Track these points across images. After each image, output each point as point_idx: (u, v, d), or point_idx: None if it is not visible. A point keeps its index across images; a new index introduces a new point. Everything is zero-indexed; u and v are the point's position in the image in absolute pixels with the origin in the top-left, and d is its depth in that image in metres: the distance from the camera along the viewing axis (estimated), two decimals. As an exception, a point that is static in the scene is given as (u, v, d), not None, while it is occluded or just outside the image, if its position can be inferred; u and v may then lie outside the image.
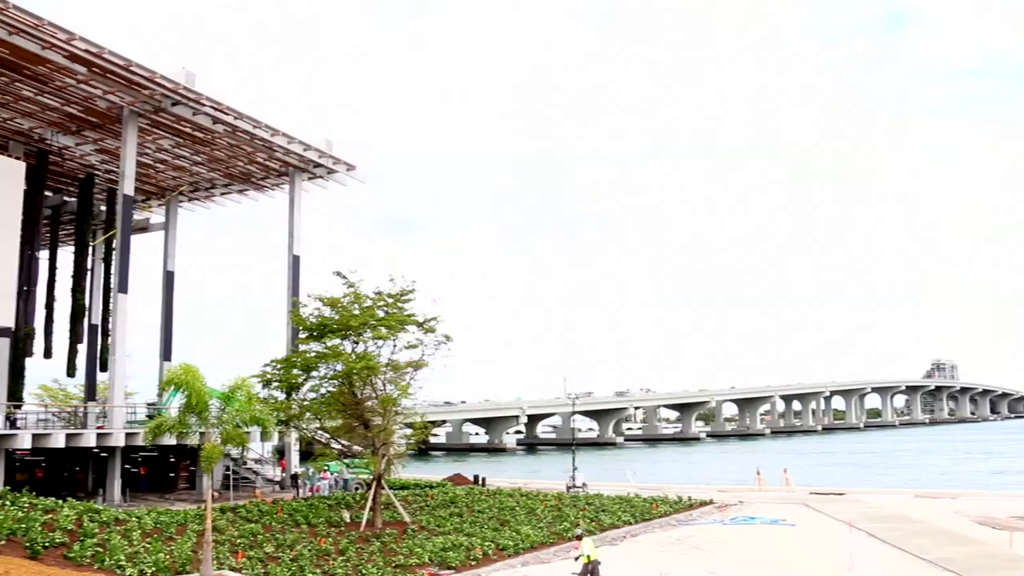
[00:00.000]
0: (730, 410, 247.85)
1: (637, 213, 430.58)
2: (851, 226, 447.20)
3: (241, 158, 51.39)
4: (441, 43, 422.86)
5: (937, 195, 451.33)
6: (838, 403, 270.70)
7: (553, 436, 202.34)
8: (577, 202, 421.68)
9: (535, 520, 35.97)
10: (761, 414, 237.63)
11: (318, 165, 52.62)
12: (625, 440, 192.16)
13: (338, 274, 37.82)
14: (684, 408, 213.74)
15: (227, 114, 44.53)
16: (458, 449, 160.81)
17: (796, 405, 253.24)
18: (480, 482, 52.59)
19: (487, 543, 29.76)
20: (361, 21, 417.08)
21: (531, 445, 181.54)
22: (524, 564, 28.03)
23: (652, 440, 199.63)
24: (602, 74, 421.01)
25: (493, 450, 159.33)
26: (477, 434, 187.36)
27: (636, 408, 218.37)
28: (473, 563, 27.45)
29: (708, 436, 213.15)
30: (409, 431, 40.24)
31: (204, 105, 43.34)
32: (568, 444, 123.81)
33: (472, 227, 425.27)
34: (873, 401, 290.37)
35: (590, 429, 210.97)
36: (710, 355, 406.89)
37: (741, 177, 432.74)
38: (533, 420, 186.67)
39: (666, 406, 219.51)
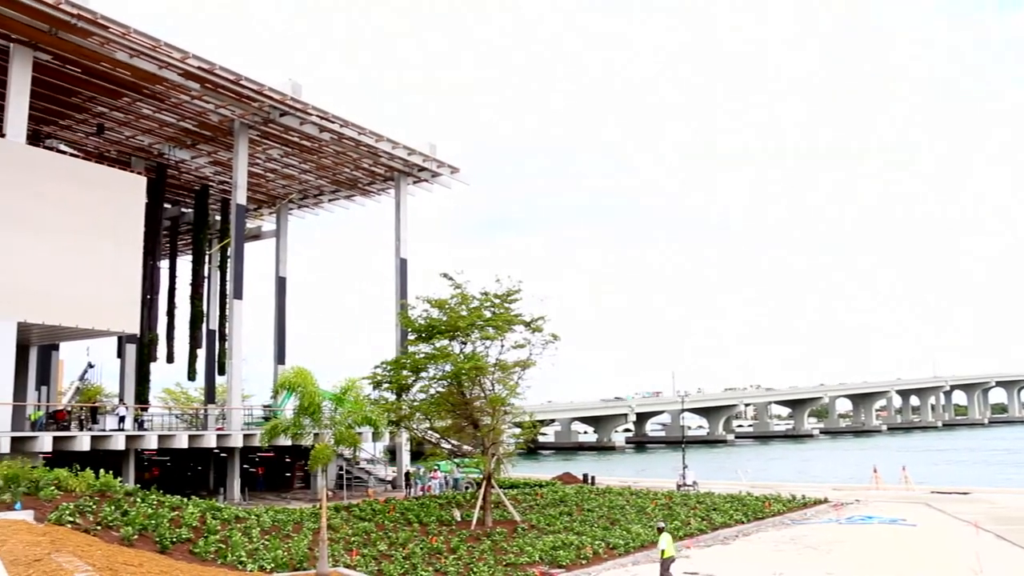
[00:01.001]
0: (844, 406, 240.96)
1: (732, 208, 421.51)
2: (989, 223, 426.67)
3: (347, 164, 52.59)
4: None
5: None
6: (959, 398, 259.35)
7: (662, 434, 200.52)
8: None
9: (645, 519, 35.76)
10: (877, 410, 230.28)
11: (422, 169, 53.45)
12: (736, 437, 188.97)
13: (445, 275, 38.33)
14: (796, 404, 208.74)
15: (333, 122, 45.64)
16: (567, 448, 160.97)
17: (914, 400, 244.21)
18: (589, 481, 52.51)
19: (597, 542, 29.73)
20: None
21: (640, 443, 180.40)
22: (635, 563, 27.87)
23: (763, 437, 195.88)
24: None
25: (602, 448, 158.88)
26: (586, 432, 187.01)
27: (746, 405, 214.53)
28: (583, 562, 27.46)
29: (821, 433, 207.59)
30: (518, 430, 40.48)
31: (311, 115, 44.53)
32: (678, 442, 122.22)
33: (563, 226, 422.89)
34: (998, 396, 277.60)
35: (700, 427, 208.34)
36: (822, 350, 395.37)
37: (852, 168, 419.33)
38: (642, 418, 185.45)
39: (777, 402, 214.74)
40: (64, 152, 42.86)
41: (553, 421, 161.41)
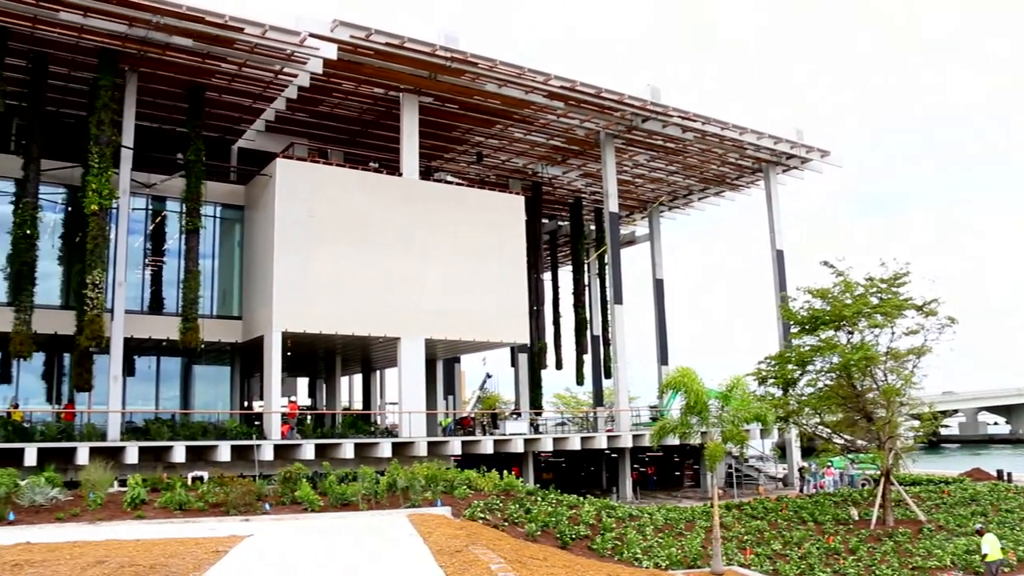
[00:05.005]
0: None
1: None
2: None
3: (713, 161, 52.40)
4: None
5: None
6: None
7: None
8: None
9: (1079, 521, 31.82)
10: None
11: (791, 156, 51.90)
12: None
13: (825, 263, 36.98)
14: None
15: (694, 121, 45.71)
16: (973, 441, 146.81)
17: None
18: (1005, 477, 47.59)
19: (1021, 547, 26.97)
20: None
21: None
22: (1068, 570, 24.96)
23: None
24: None
25: (1017, 441, 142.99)
26: (996, 423, 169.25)
27: None
28: (1006, 569, 25.01)
29: None
30: (916, 423, 37.91)
31: (672, 117, 44.95)
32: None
33: (967, 197, 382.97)
34: None
35: None
36: None
37: None
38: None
39: None
40: (450, 182, 47.02)
41: (956, 412, 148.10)
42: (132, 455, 30.27)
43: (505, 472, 30.04)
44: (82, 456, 29.01)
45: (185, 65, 34.53)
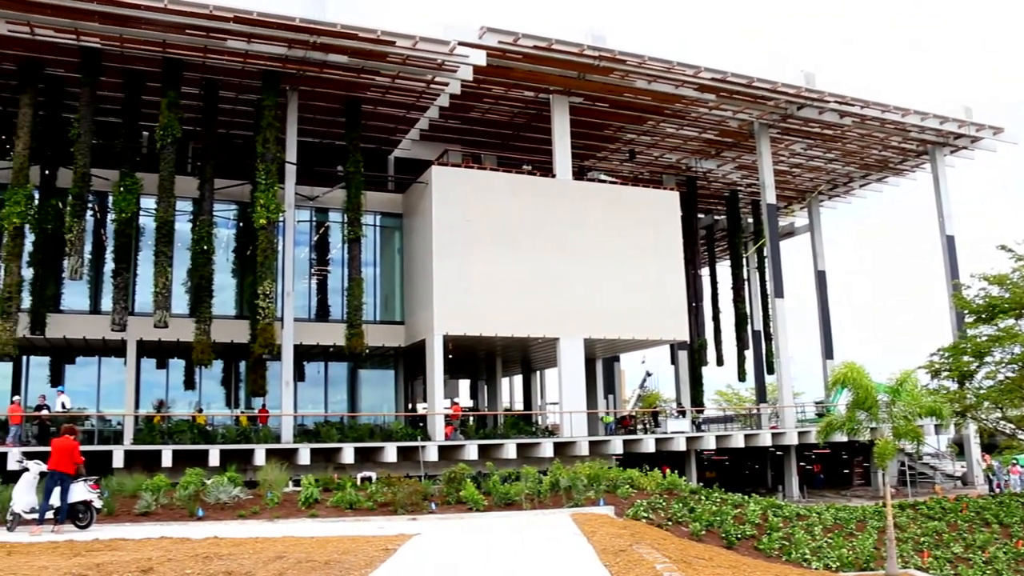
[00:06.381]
0: None
1: None
2: None
3: (874, 146, 50.26)
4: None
5: None
6: None
7: None
8: None
9: None
10: None
11: (959, 136, 49.15)
12: None
13: (1003, 247, 34.92)
14: None
15: (852, 105, 43.95)
16: None
17: None
18: None
19: None
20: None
21: None
22: None
23: None
24: None
25: None
26: None
27: None
28: None
29: None
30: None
31: (828, 103, 43.39)
32: None
33: None
34: None
35: None
36: None
37: None
38: None
39: None
40: (603, 181, 46.92)
41: None
42: (304, 456, 31.72)
43: (667, 471, 29.71)
44: (259, 457, 30.64)
45: (341, 81, 35.92)
